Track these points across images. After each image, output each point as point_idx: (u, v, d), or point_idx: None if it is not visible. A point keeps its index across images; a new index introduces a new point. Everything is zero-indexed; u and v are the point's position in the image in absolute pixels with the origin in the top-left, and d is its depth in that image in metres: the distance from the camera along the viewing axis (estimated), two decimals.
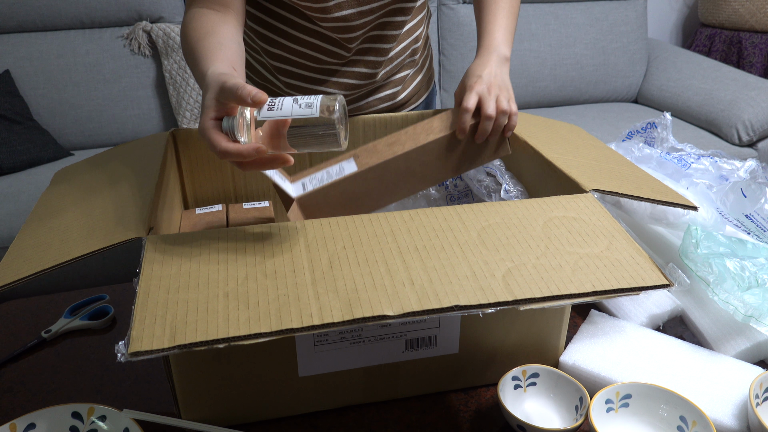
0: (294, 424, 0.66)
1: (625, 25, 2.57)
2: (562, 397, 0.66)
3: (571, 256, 0.58)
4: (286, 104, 0.57)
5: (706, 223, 0.82)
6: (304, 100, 0.57)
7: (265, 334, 0.48)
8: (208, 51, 0.70)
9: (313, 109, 0.57)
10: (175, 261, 0.55)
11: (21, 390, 0.71)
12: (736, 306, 0.70)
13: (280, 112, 0.57)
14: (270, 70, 0.99)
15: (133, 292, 0.52)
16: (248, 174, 0.92)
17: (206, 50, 0.70)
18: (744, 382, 0.66)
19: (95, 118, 2.14)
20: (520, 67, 2.46)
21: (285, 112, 0.57)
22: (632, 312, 0.78)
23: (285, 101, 0.57)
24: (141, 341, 0.47)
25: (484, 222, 0.62)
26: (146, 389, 0.71)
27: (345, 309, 0.51)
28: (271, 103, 0.57)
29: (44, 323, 0.83)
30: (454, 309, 0.51)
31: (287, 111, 0.57)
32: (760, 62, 2.63)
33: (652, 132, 1.14)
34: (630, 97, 2.67)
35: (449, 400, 0.69)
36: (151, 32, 2.15)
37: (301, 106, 0.57)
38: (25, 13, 2.07)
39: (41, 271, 0.55)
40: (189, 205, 0.93)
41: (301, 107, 0.57)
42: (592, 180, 0.70)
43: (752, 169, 1.01)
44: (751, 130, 2.18)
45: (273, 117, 0.57)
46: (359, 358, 0.65)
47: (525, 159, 0.84)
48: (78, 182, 0.77)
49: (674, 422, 0.62)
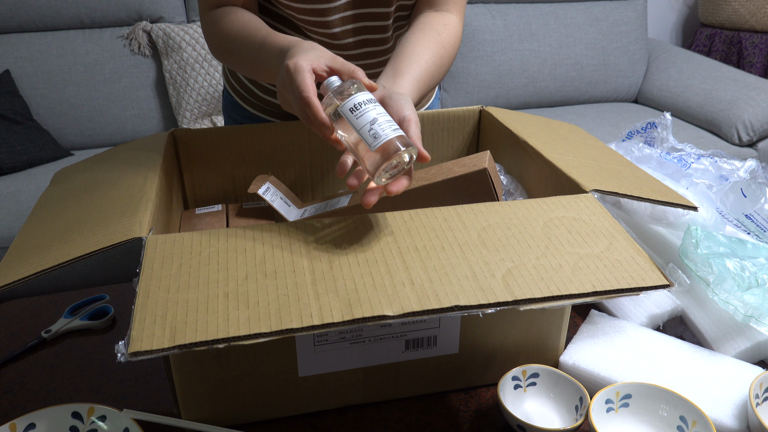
0: (294, 424, 0.66)
1: (625, 25, 2.57)
2: (562, 397, 0.66)
3: (571, 257, 0.58)
4: (365, 118, 0.57)
5: (706, 223, 0.82)
6: (378, 126, 0.56)
7: (265, 334, 0.48)
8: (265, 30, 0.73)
9: (373, 142, 0.56)
10: (175, 261, 0.55)
11: (21, 390, 0.71)
12: (736, 306, 0.70)
13: (355, 119, 0.57)
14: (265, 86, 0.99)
15: (133, 292, 0.52)
16: (248, 174, 0.92)
17: (263, 29, 0.74)
18: (744, 382, 0.66)
19: (95, 118, 2.14)
20: (520, 67, 2.46)
21: (357, 123, 0.57)
22: (632, 312, 0.78)
23: (367, 113, 0.57)
24: (141, 341, 0.47)
25: (484, 222, 0.62)
26: (146, 389, 0.71)
27: (345, 309, 0.51)
28: (357, 103, 0.58)
29: (44, 323, 0.83)
30: (454, 309, 0.51)
31: (359, 124, 0.57)
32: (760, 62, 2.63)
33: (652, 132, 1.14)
34: (630, 97, 2.67)
35: (449, 400, 0.69)
36: (151, 32, 2.15)
37: (370, 132, 0.56)
38: (25, 13, 2.07)
39: (41, 271, 0.55)
40: (189, 205, 0.93)
41: (369, 132, 0.56)
42: (593, 180, 0.70)
43: (752, 169, 1.01)
44: (751, 130, 2.18)
45: (346, 117, 0.58)
46: (359, 358, 0.65)
47: (525, 159, 0.84)
48: (78, 182, 0.77)
49: (674, 422, 0.62)
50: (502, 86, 2.47)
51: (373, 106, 0.58)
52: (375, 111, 0.58)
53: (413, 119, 0.62)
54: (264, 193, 0.84)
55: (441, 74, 0.83)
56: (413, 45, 0.79)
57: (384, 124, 0.57)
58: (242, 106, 1.03)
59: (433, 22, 0.84)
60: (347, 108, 0.58)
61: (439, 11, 0.87)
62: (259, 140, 0.90)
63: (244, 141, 0.90)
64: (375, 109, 0.58)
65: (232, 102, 1.05)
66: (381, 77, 0.75)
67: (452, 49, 0.85)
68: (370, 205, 0.58)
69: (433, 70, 0.79)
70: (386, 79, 0.75)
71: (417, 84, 0.75)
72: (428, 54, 0.79)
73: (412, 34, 0.82)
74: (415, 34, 0.82)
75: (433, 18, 0.85)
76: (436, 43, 0.81)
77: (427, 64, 0.78)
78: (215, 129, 0.89)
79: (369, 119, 0.57)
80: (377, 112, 0.58)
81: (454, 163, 0.78)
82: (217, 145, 0.90)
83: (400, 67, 0.76)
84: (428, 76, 0.78)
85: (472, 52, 2.40)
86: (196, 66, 2.13)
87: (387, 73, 0.76)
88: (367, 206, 0.58)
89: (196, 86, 2.14)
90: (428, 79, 0.78)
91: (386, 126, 0.57)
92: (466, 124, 0.98)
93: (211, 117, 2.23)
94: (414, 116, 0.62)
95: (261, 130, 0.90)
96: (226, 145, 0.90)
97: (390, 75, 0.75)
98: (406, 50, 0.79)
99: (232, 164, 0.91)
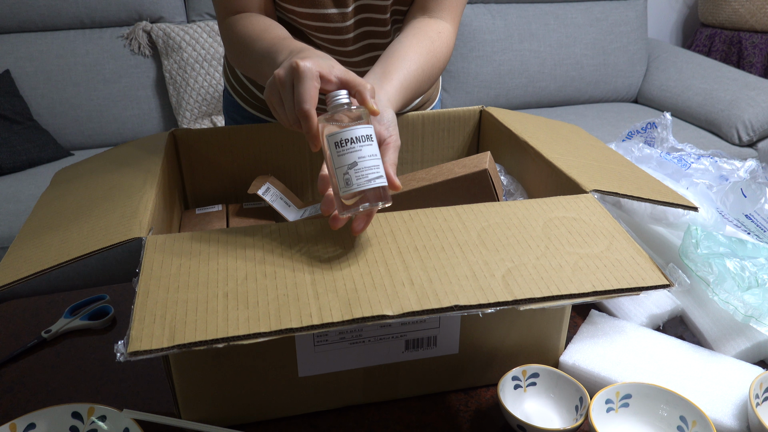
0: (294, 424, 0.66)
1: (625, 25, 2.57)
2: (562, 397, 0.66)
3: (571, 257, 0.58)
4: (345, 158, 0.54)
5: (706, 223, 0.82)
6: (355, 173, 0.54)
7: (264, 334, 0.48)
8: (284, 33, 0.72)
9: (344, 187, 0.54)
10: (175, 261, 0.55)
11: (21, 390, 0.71)
12: (736, 306, 0.70)
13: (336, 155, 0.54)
14: None
15: (133, 292, 0.52)
16: (248, 174, 0.92)
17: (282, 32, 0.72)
18: (744, 382, 0.66)
19: (95, 118, 2.14)
20: (520, 67, 2.46)
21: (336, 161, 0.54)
22: (632, 312, 0.78)
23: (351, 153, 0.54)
24: (140, 341, 0.47)
25: (484, 222, 0.62)
26: (146, 389, 0.71)
27: (344, 309, 0.51)
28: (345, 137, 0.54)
29: (44, 323, 0.83)
30: (453, 309, 0.51)
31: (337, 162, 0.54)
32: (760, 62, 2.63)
33: (652, 132, 1.14)
34: (630, 97, 2.67)
35: (449, 400, 0.69)
36: (151, 32, 2.15)
37: (345, 176, 0.54)
38: (25, 13, 2.07)
39: (41, 271, 0.55)
40: (189, 205, 0.93)
41: (344, 176, 0.54)
42: (593, 180, 0.70)
43: (752, 169, 1.01)
44: (751, 130, 2.18)
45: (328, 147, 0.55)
46: (359, 358, 0.65)
47: (525, 159, 0.84)
48: (78, 182, 0.77)
49: (674, 422, 0.62)
50: (502, 86, 2.47)
51: (360, 146, 0.54)
52: (359, 152, 0.54)
53: (392, 143, 0.61)
54: (264, 193, 0.84)
55: (428, 84, 0.81)
56: (405, 49, 0.78)
57: (363, 171, 0.54)
58: (242, 106, 1.03)
59: (427, 29, 0.83)
60: (333, 141, 0.54)
61: (433, 18, 0.85)
62: (259, 140, 0.90)
63: (244, 141, 0.90)
64: (361, 150, 0.54)
65: (233, 102, 1.05)
66: (368, 75, 0.74)
67: (443, 58, 0.83)
68: (336, 228, 0.57)
69: (421, 79, 0.78)
70: (374, 78, 0.73)
71: (403, 91, 0.74)
72: (419, 61, 0.78)
73: (406, 38, 0.80)
74: (408, 38, 0.80)
75: (427, 24, 0.84)
76: (427, 51, 0.80)
77: (416, 72, 0.77)
78: (215, 129, 0.89)
79: (348, 161, 0.54)
80: (361, 154, 0.54)
81: (455, 163, 0.78)
82: (217, 145, 0.90)
83: (389, 69, 0.74)
84: (415, 84, 0.77)
85: (472, 52, 2.40)
86: (196, 66, 2.13)
87: (375, 72, 0.74)
88: (334, 229, 0.57)
89: (196, 86, 2.14)
90: (415, 86, 0.77)
91: (365, 172, 0.54)
92: (466, 125, 0.98)
93: (211, 117, 2.23)
94: (394, 140, 0.61)
95: (261, 130, 0.90)
96: (226, 145, 0.90)
97: (378, 75, 0.73)
98: (398, 53, 0.77)
99: (232, 164, 0.91)
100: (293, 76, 0.57)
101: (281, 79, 0.59)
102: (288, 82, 0.58)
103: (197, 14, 2.25)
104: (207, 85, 2.15)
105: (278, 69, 0.59)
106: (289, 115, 0.59)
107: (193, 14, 2.25)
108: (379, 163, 0.55)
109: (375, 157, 0.55)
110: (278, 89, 0.60)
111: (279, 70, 0.59)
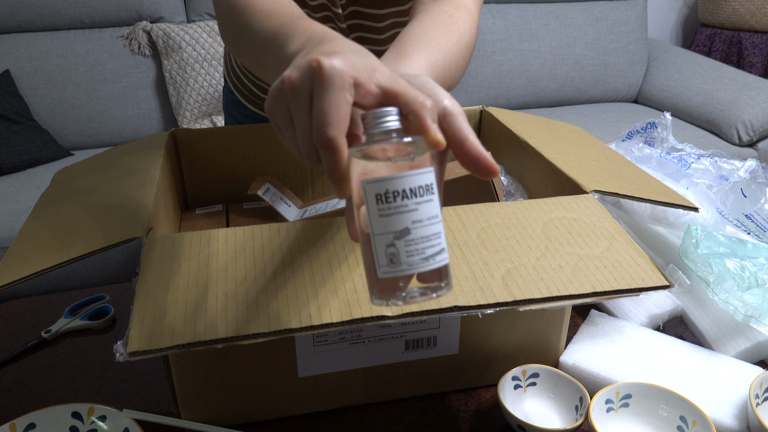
0: (294, 424, 0.66)
1: (625, 25, 2.57)
2: (562, 397, 0.66)
3: (571, 257, 0.58)
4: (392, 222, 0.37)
5: (706, 223, 0.82)
6: (404, 247, 0.37)
7: (264, 334, 0.48)
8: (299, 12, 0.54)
9: (384, 268, 0.37)
10: (174, 261, 0.55)
11: (21, 390, 0.71)
12: (736, 306, 0.70)
13: (376, 215, 0.37)
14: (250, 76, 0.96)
15: (133, 292, 0.52)
16: (248, 174, 0.92)
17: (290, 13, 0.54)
18: (744, 382, 0.66)
19: (95, 118, 2.14)
20: (520, 67, 2.46)
21: (376, 224, 0.37)
22: (632, 312, 0.78)
23: (402, 215, 0.37)
24: (140, 341, 0.47)
25: (483, 222, 0.62)
26: (146, 389, 0.71)
27: (344, 309, 0.51)
28: (395, 188, 0.36)
29: (44, 323, 0.83)
30: (453, 309, 0.51)
31: (378, 228, 0.37)
32: (760, 62, 2.63)
33: (652, 132, 1.14)
34: (630, 97, 2.67)
35: (449, 400, 0.69)
36: (151, 32, 2.15)
37: (388, 250, 0.37)
38: (25, 13, 2.07)
39: (41, 271, 0.55)
40: (189, 205, 0.93)
41: (386, 250, 0.37)
42: (593, 181, 0.70)
43: (752, 169, 1.01)
44: (751, 130, 2.18)
45: (366, 202, 0.38)
46: (359, 358, 0.64)
47: (525, 159, 0.84)
48: (78, 182, 0.77)
49: (674, 422, 0.62)
50: (502, 86, 2.47)
51: (417, 203, 0.37)
52: (415, 213, 0.37)
53: (456, 110, 0.41)
54: (264, 193, 0.84)
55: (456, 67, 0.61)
56: (420, 27, 0.59)
57: (419, 242, 0.37)
58: (243, 103, 1.03)
59: (441, 6, 0.65)
60: (373, 192, 0.37)
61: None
62: (259, 140, 0.90)
63: (244, 141, 0.90)
64: (418, 209, 0.37)
65: (233, 100, 1.05)
66: None
67: (469, 35, 0.63)
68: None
69: (448, 56, 0.58)
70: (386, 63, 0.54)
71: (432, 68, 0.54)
72: (441, 36, 0.58)
73: (416, 22, 0.62)
74: (418, 21, 0.62)
75: (440, 4, 0.65)
76: (448, 26, 0.61)
77: (442, 48, 0.57)
78: (215, 129, 0.89)
79: (396, 227, 0.36)
80: (417, 216, 0.37)
81: (455, 163, 0.78)
82: (217, 145, 0.90)
83: (404, 48, 0.55)
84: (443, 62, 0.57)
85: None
86: (196, 66, 2.13)
87: (387, 58, 0.55)
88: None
89: (196, 86, 2.14)
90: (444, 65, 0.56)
91: (420, 245, 0.37)
92: None
93: (211, 117, 2.23)
94: (456, 106, 0.41)
95: (261, 129, 0.90)
96: (226, 145, 0.90)
97: (390, 59, 0.54)
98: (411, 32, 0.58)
99: (232, 164, 0.91)
100: (313, 81, 0.38)
101: (293, 85, 0.39)
102: (304, 91, 0.38)
103: (197, 14, 2.25)
104: (207, 85, 2.15)
105: (289, 69, 0.40)
106: (303, 141, 0.39)
107: (193, 14, 2.26)
108: (441, 230, 0.38)
109: (436, 220, 0.38)
110: (287, 101, 0.40)
111: (291, 71, 0.39)
